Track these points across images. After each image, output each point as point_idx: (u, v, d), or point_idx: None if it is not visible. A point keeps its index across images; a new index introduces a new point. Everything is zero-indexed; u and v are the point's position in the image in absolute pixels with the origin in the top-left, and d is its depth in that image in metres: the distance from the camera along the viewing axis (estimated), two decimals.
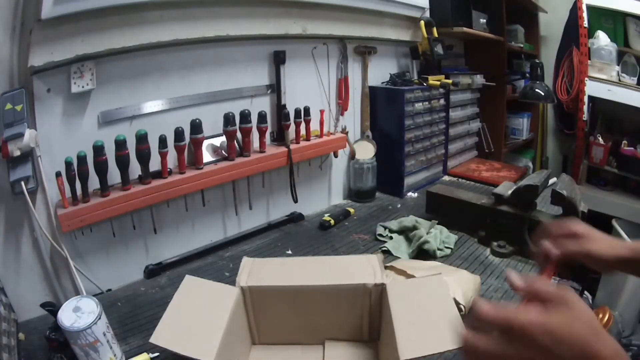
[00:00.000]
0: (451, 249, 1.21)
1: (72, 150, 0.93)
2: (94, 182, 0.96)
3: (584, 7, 2.29)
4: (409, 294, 0.74)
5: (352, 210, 1.50)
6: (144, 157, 1.01)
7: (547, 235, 0.63)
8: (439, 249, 1.18)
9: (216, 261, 1.19)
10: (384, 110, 1.66)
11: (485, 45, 2.27)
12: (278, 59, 1.31)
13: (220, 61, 1.20)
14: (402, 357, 0.60)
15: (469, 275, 0.97)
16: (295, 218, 1.45)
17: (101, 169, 0.95)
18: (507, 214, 1.21)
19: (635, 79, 2.20)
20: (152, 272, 1.11)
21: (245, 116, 1.17)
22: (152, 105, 1.08)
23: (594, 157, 2.36)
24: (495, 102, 2.32)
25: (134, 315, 0.94)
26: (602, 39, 2.30)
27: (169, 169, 1.08)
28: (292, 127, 1.33)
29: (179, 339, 0.65)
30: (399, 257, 1.18)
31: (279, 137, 1.36)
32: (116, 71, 1.01)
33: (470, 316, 0.43)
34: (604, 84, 2.24)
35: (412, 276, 0.89)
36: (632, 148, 2.21)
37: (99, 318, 0.71)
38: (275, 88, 1.33)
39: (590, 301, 1.39)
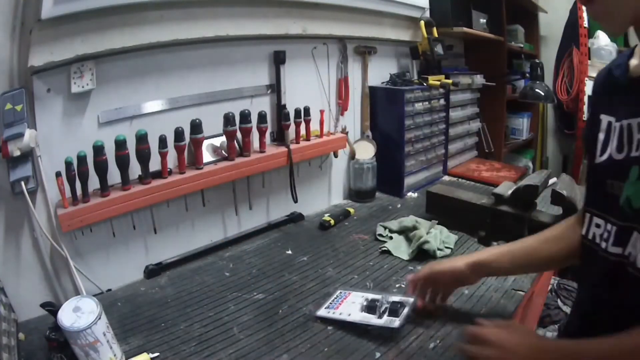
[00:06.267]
0: (451, 249, 1.21)
1: (72, 150, 0.93)
2: (94, 182, 0.96)
3: (584, 7, 2.29)
4: None
5: (352, 210, 1.50)
6: (144, 157, 1.01)
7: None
8: (439, 249, 1.18)
9: (216, 261, 1.19)
10: (384, 110, 1.66)
11: (485, 45, 2.27)
12: (278, 59, 1.31)
13: (220, 61, 1.20)
14: None
15: None
16: (295, 218, 1.45)
17: (101, 169, 0.95)
18: (507, 214, 1.20)
19: None
20: (152, 272, 1.11)
21: (245, 116, 1.17)
22: (152, 105, 1.09)
23: None
24: (495, 102, 2.32)
25: (134, 315, 0.94)
26: (602, 39, 2.30)
27: (169, 169, 1.08)
28: (292, 127, 1.33)
29: None
30: (399, 257, 1.18)
31: (279, 137, 1.36)
32: (116, 71, 1.01)
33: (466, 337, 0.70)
34: None
35: None
36: None
37: (99, 318, 0.71)
38: (275, 88, 1.33)
39: None
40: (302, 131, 1.36)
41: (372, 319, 0.85)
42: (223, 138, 1.19)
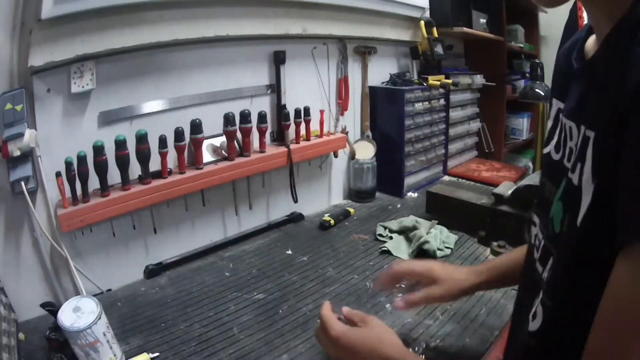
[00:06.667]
0: (451, 249, 1.21)
1: (72, 150, 0.93)
2: (94, 182, 0.96)
3: (584, 7, 2.29)
4: None
5: (352, 210, 1.50)
6: (144, 157, 1.01)
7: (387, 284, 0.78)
8: (439, 249, 1.18)
9: (216, 261, 1.19)
10: (384, 110, 1.66)
11: (485, 45, 2.26)
12: (278, 59, 1.31)
13: (220, 61, 1.20)
14: None
15: None
16: (295, 218, 1.45)
17: (101, 169, 0.95)
18: (507, 214, 1.20)
19: None
20: (152, 272, 1.11)
21: (245, 116, 1.17)
22: (152, 105, 1.08)
23: None
24: (495, 102, 2.32)
25: (134, 315, 0.94)
26: None
27: (169, 169, 1.08)
28: (292, 127, 1.33)
29: None
30: (399, 257, 1.18)
31: (279, 137, 1.35)
32: (116, 71, 1.01)
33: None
34: None
35: None
36: None
37: (99, 318, 0.71)
38: (275, 88, 1.33)
39: None
40: (302, 131, 1.36)
41: None
42: (223, 138, 1.19)
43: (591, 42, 0.49)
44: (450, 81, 1.71)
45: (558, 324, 0.44)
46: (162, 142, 1.04)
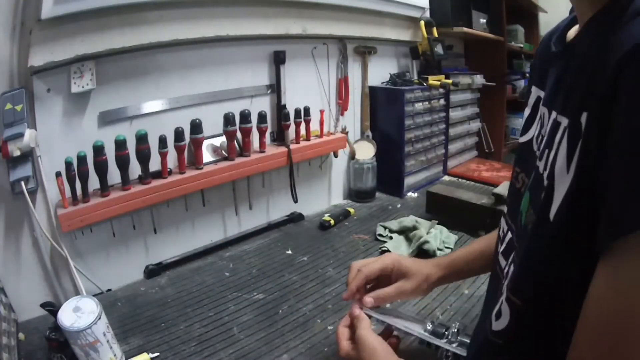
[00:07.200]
0: (451, 248, 1.21)
1: (72, 150, 0.93)
2: (94, 182, 0.96)
3: None
4: None
5: (352, 210, 1.50)
6: (144, 157, 1.01)
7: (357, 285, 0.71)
8: (439, 249, 1.18)
9: (216, 261, 1.19)
10: (384, 110, 1.66)
11: (485, 45, 2.27)
12: (278, 59, 1.31)
13: (220, 61, 1.20)
14: None
15: None
16: (295, 218, 1.45)
17: (101, 169, 0.95)
18: None
19: None
20: (152, 272, 1.11)
21: (245, 116, 1.17)
22: (152, 105, 1.09)
23: None
24: (495, 102, 2.32)
25: (134, 315, 0.94)
26: None
27: (169, 169, 1.08)
28: (292, 127, 1.33)
29: None
30: None
31: (279, 137, 1.36)
32: (116, 71, 1.01)
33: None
34: None
35: None
36: None
37: (99, 318, 0.71)
38: (275, 88, 1.33)
39: None
40: (302, 131, 1.36)
41: (440, 342, 0.66)
42: (223, 138, 1.19)
43: (574, 30, 0.47)
44: (450, 81, 1.71)
45: (528, 324, 0.41)
46: (162, 142, 1.04)
